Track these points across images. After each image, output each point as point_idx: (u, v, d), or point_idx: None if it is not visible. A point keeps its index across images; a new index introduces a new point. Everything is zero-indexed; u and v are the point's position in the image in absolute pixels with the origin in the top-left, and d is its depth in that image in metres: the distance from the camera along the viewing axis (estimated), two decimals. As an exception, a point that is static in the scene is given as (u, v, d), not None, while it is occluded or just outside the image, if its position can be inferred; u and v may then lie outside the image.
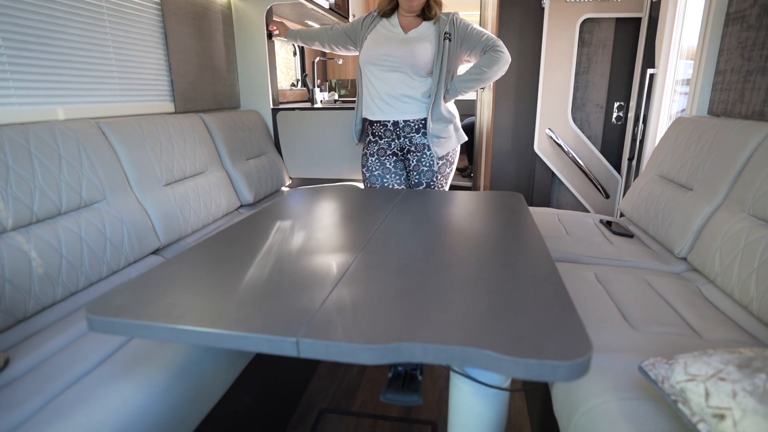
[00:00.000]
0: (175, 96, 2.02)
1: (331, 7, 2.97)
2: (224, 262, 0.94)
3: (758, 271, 1.12)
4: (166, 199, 1.67)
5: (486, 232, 1.13)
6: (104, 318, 0.72)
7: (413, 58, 1.70)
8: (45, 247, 1.20)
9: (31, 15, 1.38)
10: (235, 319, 0.71)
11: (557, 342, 0.63)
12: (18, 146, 1.21)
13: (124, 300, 0.77)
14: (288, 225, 1.20)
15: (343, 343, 0.64)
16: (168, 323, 0.70)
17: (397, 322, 0.69)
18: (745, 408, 0.65)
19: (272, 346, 0.66)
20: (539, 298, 0.77)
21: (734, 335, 1.06)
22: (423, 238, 1.08)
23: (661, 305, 1.20)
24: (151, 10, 1.88)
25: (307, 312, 0.72)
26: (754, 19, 1.50)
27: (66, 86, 1.52)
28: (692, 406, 0.70)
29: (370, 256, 0.97)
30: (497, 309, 0.73)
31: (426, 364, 0.71)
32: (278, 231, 1.15)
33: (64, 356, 1.00)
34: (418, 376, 0.76)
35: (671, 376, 0.76)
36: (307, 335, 0.65)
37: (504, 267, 0.91)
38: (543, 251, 0.99)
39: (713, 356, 0.76)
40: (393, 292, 0.80)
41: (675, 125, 1.80)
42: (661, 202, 1.65)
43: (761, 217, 1.20)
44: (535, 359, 0.59)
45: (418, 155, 1.84)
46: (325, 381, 1.65)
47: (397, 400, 0.73)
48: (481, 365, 0.62)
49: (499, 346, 0.62)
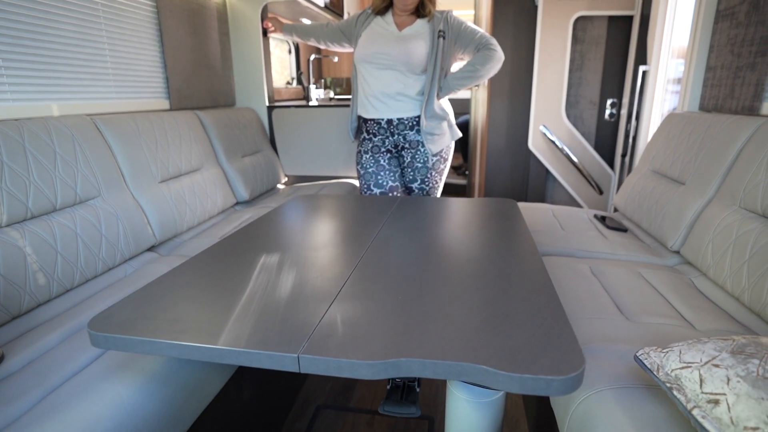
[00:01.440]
0: (170, 93, 2.01)
1: (326, 5, 2.97)
2: (223, 276, 0.95)
3: (749, 263, 1.14)
4: (161, 195, 1.67)
5: (480, 242, 1.15)
6: (106, 334, 0.73)
7: (407, 56, 1.71)
8: (40, 243, 1.19)
9: (26, 11, 1.37)
10: (236, 335, 0.72)
11: (551, 357, 0.65)
12: (13, 142, 1.20)
13: (126, 315, 0.78)
14: (285, 238, 1.21)
15: (343, 360, 0.65)
16: (170, 339, 0.71)
17: (395, 338, 0.70)
18: (738, 393, 0.66)
19: (274, 362, 0.68)
20: (533, 310, 0.79)
21: (726, 325, 1.08)
22: (418, 250, 1.09)
23: (655, 297, 1.22)
24: (146, 7, 1.87)
25: (307, 327, 0.73)
26: (743, 16, 1.52)
27: (61, 82, 1.51)
28: (687, 393, 0.71)
29: (366, 269, 0.98)
30: (492, 322, 0.75)
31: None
32: (276, 244, 1.15)
33: (59, 352, 0.99)
34: (415, 388, 0.78)
35: (666, 364, 0.77)
36: (307, 351, 0.67)
37: (499, 278, 0.92)
38: (537, 261, 1.01)
39: (707, 344, 0.77)
40: (390, 306, 0.81)
41: (667, 121, 1.83)
42: (654, 196, 1.67)
43: (752, 209, 1.22)
44: (530, 374, 0.61)
45: (413, 152, 1.85)
46: (321, 377, 1.65)
47: (396, 412, 0.75)
48: (478, 380, 0.64)
49: (495, 361, 0.64)
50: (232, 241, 1.18)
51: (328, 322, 0.75)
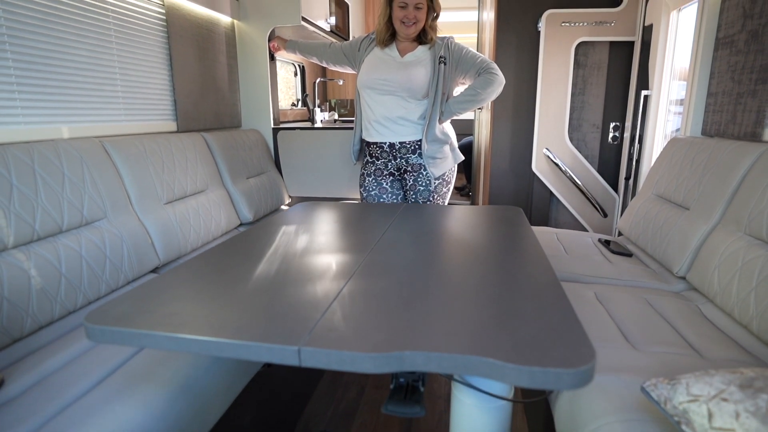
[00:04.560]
0: (177, 115, 2.04)
1: (332, 29, 3.04)
2: (225, 273, 0.94)
3: (757, 290, 1.13)
4: (166, 217, 1.68)
5: (486, 244, 1.14)
6: (103, 327, 0.71)
7: (409, 82, 1.74)
8: (45, 265, 1.20)
9: (41, 37, 1.41)
10: (237, 328, 0.70)
11: (561, 350, 0.63)
12: (22, 164, 1.22)
13: (124, 309, 0.77)
14: (289, 237, 1.20)
15: (345, 352, 0.63)
16: (168, 332, 0.69)
17: (399, 331, 0.69)
18: (748, 429, 0.64)
19: (273, 354, 0.65)
20: (541, 307, 0.77)
21: (735, 354, 1.06)
22: (425, 249, 1.09)
23: (662, 324, 1.20)
24: (157, 32, 1.92)
25: (309, 321, 0.72)
26: (742, 44, 1.54)
27: (72, 105, 1.54)
28: (696, 427, 0.70)
29: (372, 266, 0.97)
30: (500, 318, 0.73)
31: (428, 376, 0.70)
32: (279, 242, 1.15)
33: (60, 376, 0.99)
34: (420, 387, 0.76)
35: (674, 396, 0.76)
36: (308, 344, 0.65)
37: (505, 277, 0.91)
38: (543, 262, 0.99)
39: (715, 376, 0.75)
40: (395, 301, 0.80)
41: (670, 145, 1.83)
42: (658, 221, 1.66)
43: (757, 236, 1.21)
44: (539, 367, 0.59)
45: (415, 175, 1.86)
46: (322, 403, 1.63)
47: (399, 412, 0.72)
48: (485, 374, 0.61)
49: (503, 354, 0.62)
50: (235, 242, 1.17)
51: (331, 316, 0.74)
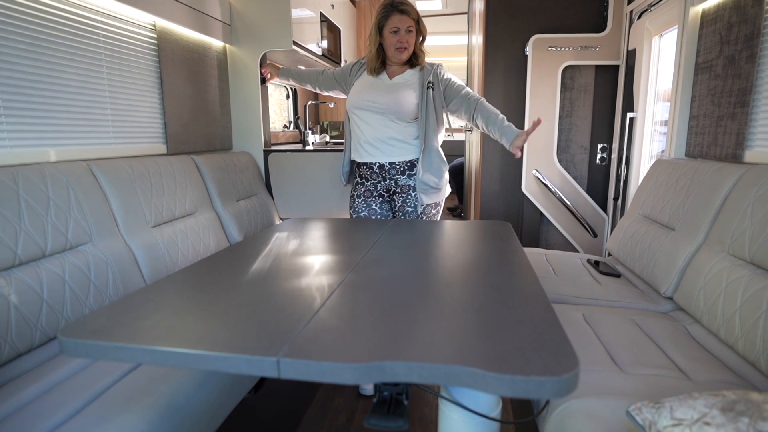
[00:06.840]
0: (167, 138, 2.05)
1: (324, 53, 3.09)
2: (206, 287, 0.93)
3: (741, 311, 1.13)
4: (153, 240, 1.67)
5: (473, 257, 1.14)
6: (78, 340, 0.69)
7: (397, 105, 1.77)
8: (26, 291, 1.18)
9: (29, 61, 1.42)
10: (216, 340, 0.69)
11: (543, 359, 0.63)
12: (6, 188, 1.21)
13: (101, 323, 0.76)
14: (276, 250, 1.19)
15: (325, 363, 0.62)
16: (145, 345, 0.67)
17: (381, 342, 0.68)
18: (731, 454, 0.64)
19: (252, 366, 0.64)
20: (525, 318, 0.77)
21: (722, 375, 1.06)
22: (411, 262, 1.09)
23: (649, 346, 1.20)
24: (148, 56, 1.94)
25: (290, 333, 0.71)
26: (720, 69, 1.58)
27: (60, 128, 1.54)
28: (680, 453, 0.69)
29: (357, 279, 0.97)
30: (483, 328, 0.73)
31: (412, 390, 0.69)
32: (266, 256, 1.14)
33: (38, 406, 0.96)
34: (403, 400, 0.75)
35: (658, 420, 0.75)
36: (288, 355, 0.64)
37: (491, 288, 0.91)
38: (530, 274, 0.99)
39: (698, 399, 0.75)
40: (378, 313, 0.80)
41: (655, 167, 1.86)
42: (645, 241, 1.67)
43: (740, 256, 1.22)
44: (521, 376, 0.58)
45: (404, 196, 1.87)
46: (314, 426, 1.59)
47: (382, 426, 0.71)
48: (467, 383, 0.61)
49: (485, 363, 0.61)
50: (220, 256, 1.16)
51: (312, 327, 0.73)
